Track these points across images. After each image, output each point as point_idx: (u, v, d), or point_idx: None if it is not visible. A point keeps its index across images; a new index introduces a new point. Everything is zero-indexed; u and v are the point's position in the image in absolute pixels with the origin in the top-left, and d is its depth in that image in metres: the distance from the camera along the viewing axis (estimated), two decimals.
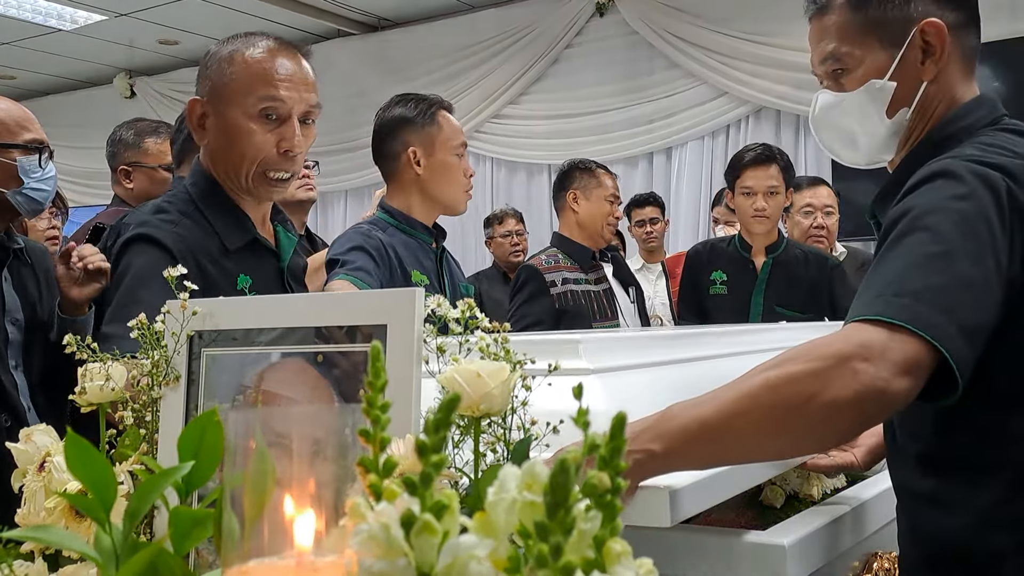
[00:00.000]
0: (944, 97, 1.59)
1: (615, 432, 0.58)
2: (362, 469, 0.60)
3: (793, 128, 7.04)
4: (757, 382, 1.21)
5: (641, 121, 7.67)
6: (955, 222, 1.32)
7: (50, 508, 1.07)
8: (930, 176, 1.41)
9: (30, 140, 2.59)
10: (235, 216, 2.10)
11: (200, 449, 0.76)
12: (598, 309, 3.94)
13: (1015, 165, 1.40)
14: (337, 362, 1.10)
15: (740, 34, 7.11)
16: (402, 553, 0.54)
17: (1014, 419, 1.42)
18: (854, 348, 1.20)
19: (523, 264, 4.16)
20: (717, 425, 1.20)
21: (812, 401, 1.18)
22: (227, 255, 2.05)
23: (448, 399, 0.57)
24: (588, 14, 7.89)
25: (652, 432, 1.18)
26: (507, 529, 0.58)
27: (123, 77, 10.50)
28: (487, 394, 1.02)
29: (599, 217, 4.01)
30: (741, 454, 1.27)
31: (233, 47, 2.12)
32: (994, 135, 1.51)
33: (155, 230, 2.00)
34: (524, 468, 0.58)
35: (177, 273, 1.23)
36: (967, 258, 1.29)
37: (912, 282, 1.27)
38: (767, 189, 3.95)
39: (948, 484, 1.48)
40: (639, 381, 1.54)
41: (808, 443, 1.31)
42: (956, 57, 1.58)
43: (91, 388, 1.21)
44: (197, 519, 0.71)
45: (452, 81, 8.43)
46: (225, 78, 2.08)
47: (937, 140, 1.56)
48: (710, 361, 1.82)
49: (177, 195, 2.14)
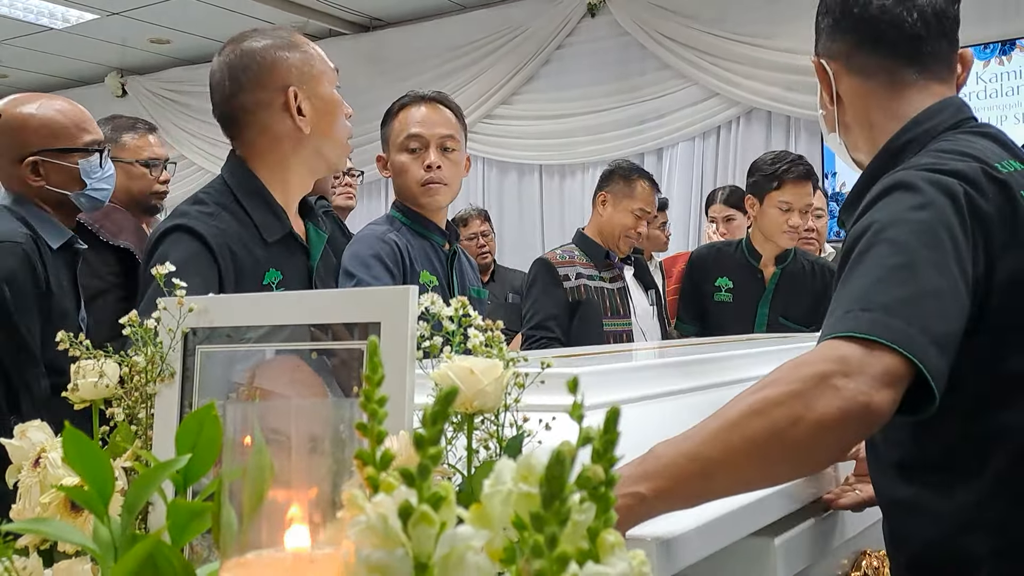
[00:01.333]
0: (867, 114, 1.66)
1: (609, 426, 0.59)
2: (359, 462, 0.61)
3: (784, 129, 7.06)
4: (741, 410, 1.19)
5: (632, 122, 7.69)
6: (916, 232, 1.33)
7: (45, 503, 1.08)
8: (887, 189, 1.42)
9: (89, 142, 2.72)
10: (272, 209, 2.13)
11: (198, 443, 0.76)
12: (611, 307, 3.90)
13: (971, 169, 1.42)
14: (331, 359, 1.10)
15: (731, 35, 7.13)
16: (400, 543, 0.55)
17: (984, 423, 1.43)
18: (833, 365, 1.19)
19: (537, 258, 4.12)
20: (706, 459, 1.16)
21: (799, 423, 1.16)
22: (262, 247, 2.08)
23: (445, 392, 0.58)
24: (579, 15, 7.91)
25: (637, 474, 1.14)
26: (503, 520, 0.58)
27: (115, 76, 10.50)
28: (480, 391, 1.03)
29: (618, 228, 3.96)
30: (733, 486, 1.23)
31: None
32: (954, 138, 1.53)
33: (195, 222, 2.02)
34: (520, 460, 0.59)
35: (166, 271, 1.23)
36: (931, 267, 1.30)
37: (880, 296, 1.27)
38: (805, 206, 3.85)
39: (925, 490, 1.49)
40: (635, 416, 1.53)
41: (799, 466, 1.28)
42: (856, 79, 1.66)
43: (84, 385, 1.21)
44: (195, 512, 0.72)
45: (444, 81, 8.42)
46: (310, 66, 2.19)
47: (894, 149, 1.60)
48: (712, 390, 1.81)
49: (214, 187, 2.16)
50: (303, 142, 2.14)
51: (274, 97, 2.12)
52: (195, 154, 9.54)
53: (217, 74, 2.15)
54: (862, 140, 1.69)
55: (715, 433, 1.18)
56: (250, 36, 2.17)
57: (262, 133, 2.14)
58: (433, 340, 1.08)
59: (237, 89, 2.12)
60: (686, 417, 1.31)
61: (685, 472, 1.15)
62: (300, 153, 2.15)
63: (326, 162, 2.23)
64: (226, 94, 2.14)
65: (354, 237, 2.87)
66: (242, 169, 2.15)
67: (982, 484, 1.43)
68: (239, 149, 2.18)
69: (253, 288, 2.02)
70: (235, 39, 2.18)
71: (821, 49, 1.71)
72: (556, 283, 3.82)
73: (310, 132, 2.13)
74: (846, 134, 1.72)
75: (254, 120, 2.13)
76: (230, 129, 2.18)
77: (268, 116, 2.12)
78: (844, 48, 1.66)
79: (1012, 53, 6.22)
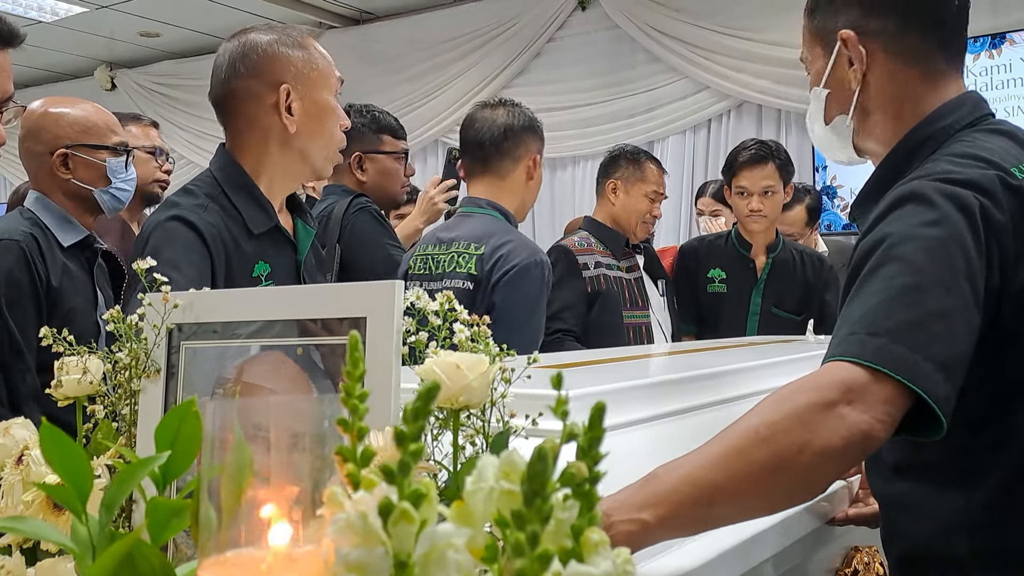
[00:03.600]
0: (899, 101, 1.58)
1: (594, 422, 0.58)
2: (340, 458, 0.60)
3: (775, 122, 7.05)
4: (747, 437, 1.16)
5: (623, 115, 7.67)
6: (928, 250, 1.30)
7: (28, 502, 1.07)
8: (900, 200, 1.39)
9: (118, 143, 2.90)
10: (259, 202, 2.14)
11: (177, 440, 0.75)
12: (630, 298, 3.81)
13: (987, 178, 1.38)
14: (317, 355, 1.10)
15: (722, 28, 7.11)
16: (379, 542, 0.54)
17: (987, 431, 1.43)
18: (838, 392, 1.18)
19: (553, 245, 3.98)
20: (711, 487, 1.13)
21: (804, 451, 1.15)
22: (249, 239, 2.09)
23: (427, 387, 0.57)
24: (570, 8, 7.88)
25: (639, 499, 1.12)
26: (485, 518, 0.58)
27: (104, 69, 10.47)
28: (466, 386, 1.02)
29: (634, 214, 3.90)
30: (735, 514, 1.21)
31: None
32: (972, 139, 1.49)
33: (188, 213, 2.04)
34: (502, 457, 0.58)
35: (147, 265, 1.22)
36: (941, 287, 1.28)
37: (886, 319, 1.25)
38: (762, 189, 3.90)
39: (916, 490, 1.50)
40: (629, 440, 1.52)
41: (800, 494, 1.25)
42: (896, 62, 1.57)
43: (68, 381, 1.20)
44: (175, 509, 0.71)
45: (434, 74, 8.42)
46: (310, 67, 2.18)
47: (913, 144, 1.55)
48: (709, 410, 1.78)
49: (203, 179, 2.17)
50: (289, 142, 2.14)
51: (266, 91, 2.11)
52: (184, 147, 9.51)
53: (219, 58, 2.17)
54: (880, 128, 1.61)
55: (719, 459, 1.15)
56: (259, 29, 2.18)
57: (250, 125, 2.14)
58: (419, 335, 1.07)
59: (232, 75, 2.13)
60: (682, 440, 1.29)
61: (689, 499, 1.13)
62: (286, 153, 2.15)
63: (311, 166, 2.21)
64: (222, 78, 2.15)
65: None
66: (229, 162, 2.16)
67: (977, 489, 1.43)
68: (228, 140, 2.19)
69: (243, 280, 2.03)
70: (246, 30, 2.19)
71: (849, 23, 1.59)
72: (575, 272, 3.72)
73: (296, 133, 2.13)
74: (862, 119, 1.62)
75: (244, 110, 2.13)
76: (221, 116, 2.19)
77: (257, 108, 2.12)
78: (886, 27, 1.57)
79: (1002, 47, 6.21)
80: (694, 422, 1.69)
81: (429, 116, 8.42)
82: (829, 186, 6.57)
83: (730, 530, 1.26)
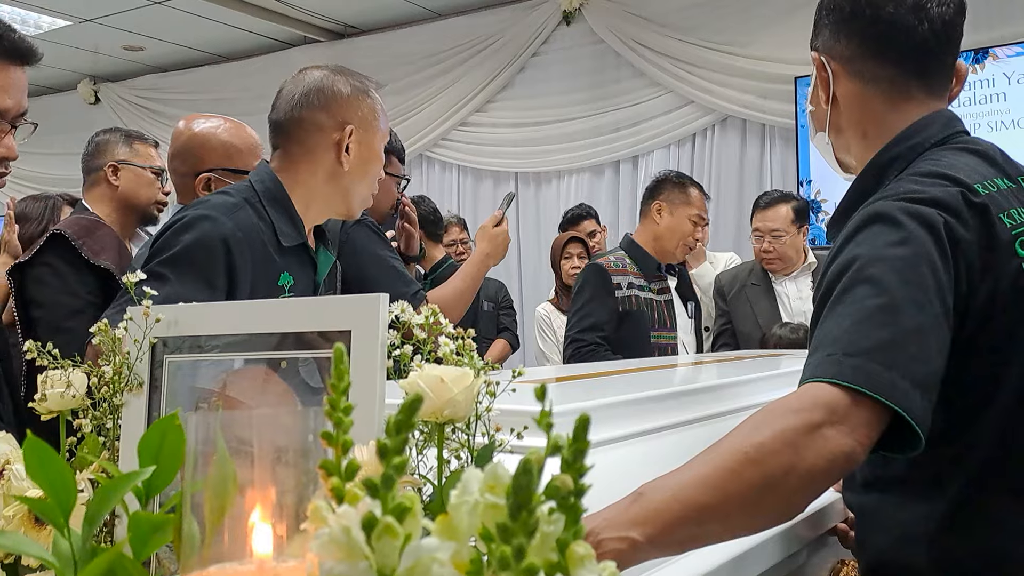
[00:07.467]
0: (863, 123, 1.63)
1: (578, 434, 0.58)
2: (324, 472, 0.59)
3: (759, 137, 7.07)
4: (736, 457, 1.16)
5: (607, 129, 7.69)
6: (897, 270, 1.32)
7: (8, 516, 1.06)
8: (866, 221, 1.41)
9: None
10: (292, 219, 2.22)
11: (160, 454, 0.75)
12: (658, 319, 3.95)
13: (950, 195, 1.41)
14: (302, 369, 1.09)
15: (706, 43, 7.14)
16: (363, 556, 0.54)
17: (949, 445, 1.44)
18: (822, 414, 1.19)
19: (589, 262, 4.17)
20: (700, 506, 1.13)
21: (791, 473, 1.15)
22: (278, 251, 2.16)
23: (410, 400, 0.56)
24: (555, 23, 7.91)
25: (628, 518, 1.11)
26: (470, 532, 0.57)
27: (87, 83, 10.45)
28: (451, 400, 1.01)
29: (678, 235, 4.02)
30: (722, 533, 1.21)
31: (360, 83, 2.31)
32: (939, 156, 1.52)
33: (218, 212, 2.08)
34: (487, 470, 0.58)
35: (136, 279, 1.22)
36: (913, 306, 1.29)
37: (862, 340, 1.26)
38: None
39: (882, 502, 1.53)
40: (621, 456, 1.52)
41: (784, 514, 1.25)
42: (857, 84, 1.62)
43: (51, 395, 1.20)
44: (157, 524, 0.70)
45: (418, 89, 8.43)
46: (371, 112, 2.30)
47: (883, 163, 1.58)
48: (696, 426, 1.79)
49: (239, 187, 2.24)
50: (338, 178, 2.25)
51: (332, 127, 2.22)
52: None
53: (290, 85, 2.27)
54: (853, 145, 1.66)
55: (708, 479, 1.15)
56: (342, 71, 2.28)
57: (306, 154, 2.23)
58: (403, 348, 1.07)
59: (304, 104, 2.23)
60: (669, 456, 1.30)
61: (678, 518, 1.13)
62: (331, 187, 2.26)
63: (347, 204, 2.31)
64: (292, 103, 2.24)
65: None
66: (271, 178, 2.23)
67: (937, 500, 1.45)
68: (276, 161, 2.26)
69: (267, 284, 2.10)
70: (322, 66, 2.30)
71: (821, 46, 1.67)
72: (608, 291, 3.88)
73: (347, 171, 2.24)
74: (836, 135, 1.69)
75: (304, 138, 2.23)
76: (277, 136, 2.27)
77: (318, 140, 2.22)
78: (848, 50, 1.62)
79: (985, 62, 6.25)
80: (680, 438, 1.69)
81: (414, 130, 8.43)
82: (813, 200, 6.59)
83: (719, 547, 1.26)
